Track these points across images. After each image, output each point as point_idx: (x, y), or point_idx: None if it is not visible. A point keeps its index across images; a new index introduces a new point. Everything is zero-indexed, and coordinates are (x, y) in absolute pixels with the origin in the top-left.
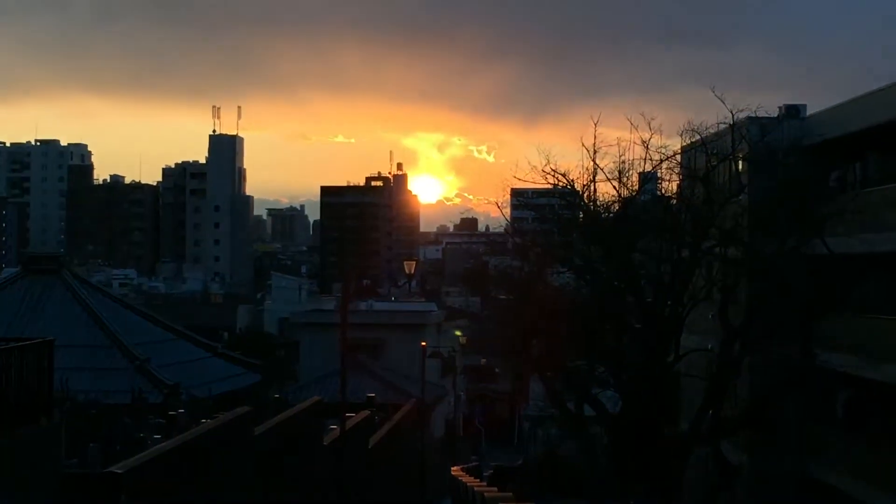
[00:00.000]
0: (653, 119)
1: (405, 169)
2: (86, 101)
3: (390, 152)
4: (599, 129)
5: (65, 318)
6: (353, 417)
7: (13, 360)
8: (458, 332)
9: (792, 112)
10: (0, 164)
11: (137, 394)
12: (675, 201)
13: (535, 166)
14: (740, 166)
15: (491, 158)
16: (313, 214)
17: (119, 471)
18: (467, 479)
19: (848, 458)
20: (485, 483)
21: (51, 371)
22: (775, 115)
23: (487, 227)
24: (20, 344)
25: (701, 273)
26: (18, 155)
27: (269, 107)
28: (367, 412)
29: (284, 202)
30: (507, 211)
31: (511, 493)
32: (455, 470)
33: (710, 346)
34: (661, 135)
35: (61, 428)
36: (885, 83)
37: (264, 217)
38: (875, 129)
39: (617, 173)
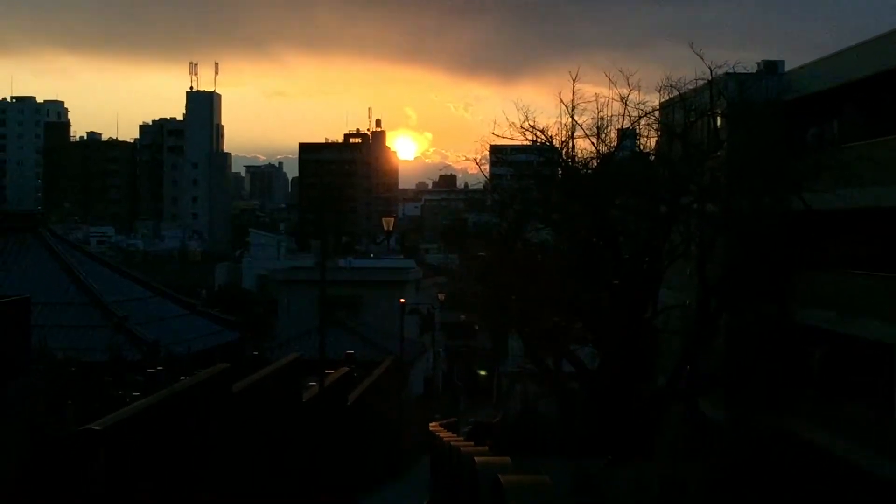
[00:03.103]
0: (631, 75)
1: (383, 126)
2: (61, 57)
3: (368, 109)
4: (578, 86)
5: (42, 276)
6: (332, 374)
7: None
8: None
9: (770, 68)
10: None
11: (116, 351)
12: (653, 157)
13: (513, 123)
14: (718, 122)
15: (469, 115)
16: (291, 172)
17: (97, 428)
18: (445, 435)
19: (824, 414)
20: (462, 439)
21: (27, 328)
22: (754, 72)
23: (466, 184)
24: None
25: (679, 229)
26: None
27: (247, 64)
28: (345, 369)
29: (262, 159)
30: (486, 168)
31: (488, 448)
32: (433, 426)
33: (687, 303)
34: (639, 91)
35: (38, 386)
36: (863, 39)
37: (242, 174)
38: (853, 85)
39: (595, 129)
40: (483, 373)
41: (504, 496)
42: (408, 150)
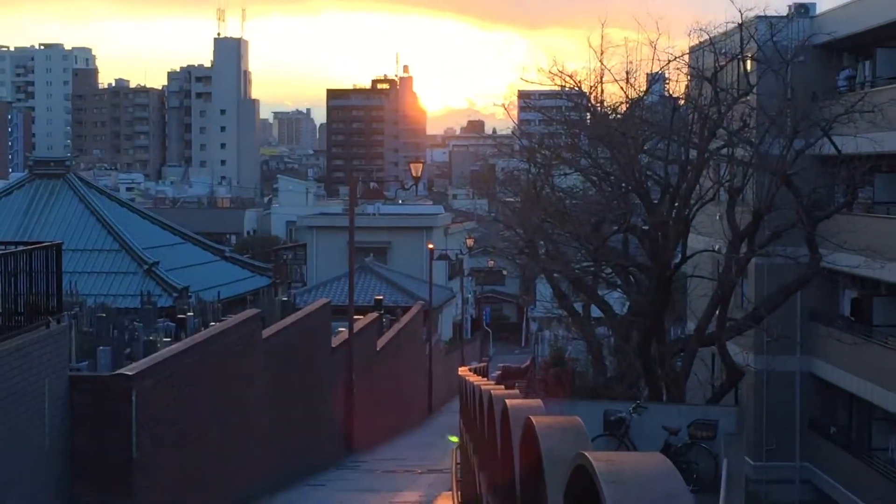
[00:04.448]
0: (660, 19)
1: (411, 72)
2: (89, 4)
3: (396, 55)
4: (606, 30)
5: (73, 223)
6: (361, 320)
7: (22, 263)
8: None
9: (801, 11)
10: (4, 68)
11: (146, 297)
12: (682, 102)
13: (541, 68)
14: (749, 66)
15: (497, 61)
16: (319, 118)
17: (129, 373)
18: (474, 379)
19: (853, 357)
20: (492, 383)
21: (59, 274)
22: (784, 14)
23: (494, 130)
24: (29, 247)
25: (708, 174)
26: (22, 59)
27: (275, 9)
28: (374, 314)
29: (290, 106)
30: (514, 113)
31: (518, 392)
32: (462, 370)
33: (716, 248)
34: (668, 35)
35: (70, 331)
36: None
37: (270, 121)
38: (885, 28)
39: (624, 74)
40: (511, 318)
41: (536, 437)
42: (436, 95)
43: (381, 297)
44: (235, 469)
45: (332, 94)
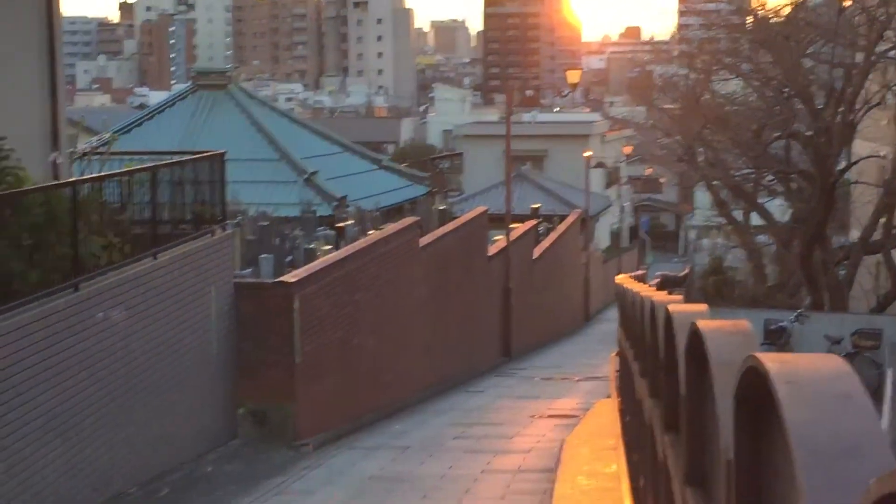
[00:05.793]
0: None
1: None
2: None
3: None
4: None
5: (234, 133)
6: (518, 228)
7: (187, 172)
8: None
9: None
10: None
11: (306, 206)
12: (848, 3)
13: None
14: None
15: None
16: (475, 26)
17: (291, 280)
18: (633, 286)
19: None
20: (653, 289)
21: (223, 183)
22: None
23: (652, 36)
24: (193, 157)
25: (874, 78)
26: None
27: None
28: (531, 223)
29: (446, 14)
30: (673, 18)
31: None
32: (620, 278)
33: (882, 154)
34: None
35: (235, 239)
36: None
37: (426, 29)
38: None
39: None
40: (669, 226)
41: (702, 341)
42: (592, 1)
43: (537, 206)
44: (394, 376)
45: (490, 2)
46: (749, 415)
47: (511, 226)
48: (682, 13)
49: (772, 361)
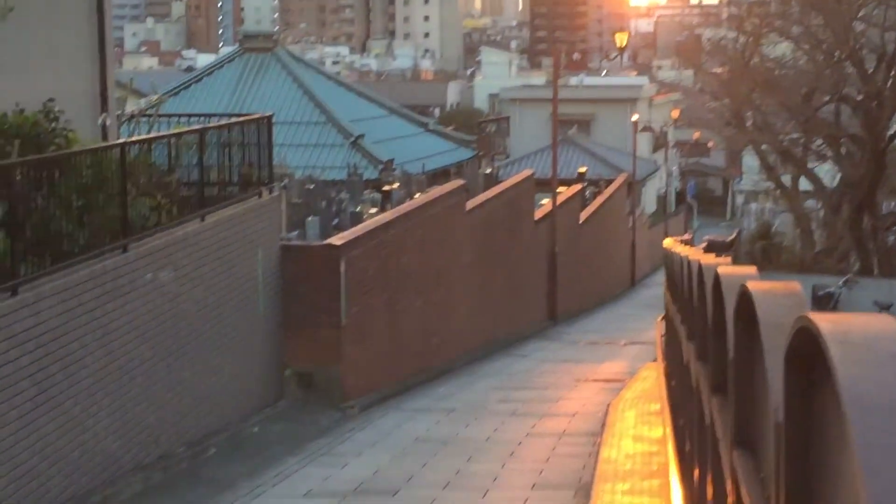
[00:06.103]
0: None
1: None
2: None
3: None
4: None
5: (281, 96)
6: (564, 192)
7: (235, 135)
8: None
9: None
10: None
11: (353, 169)
12: None
13: None
14: None
15: None
16: None
17: (338, 242)
18: (681, 250)
19: None
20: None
21: (270, 146)
22: None
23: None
24: (241, 119)
25: None
26: None
27: None
28: (577, 187)
29: None
30: None
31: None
32: (667, 242)
33: None
34: None
35: (281, 201)
36: None
37: None
38: None
39: None
40: (716, 191)
41: (752, 303)
42: None
43: (584, 170)
44: (440, 339)
45: None
46: (799, 376)
47: (557, 190)
48: None
49: (824, 321)
